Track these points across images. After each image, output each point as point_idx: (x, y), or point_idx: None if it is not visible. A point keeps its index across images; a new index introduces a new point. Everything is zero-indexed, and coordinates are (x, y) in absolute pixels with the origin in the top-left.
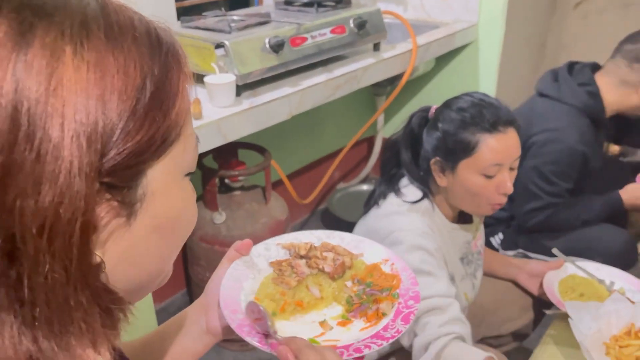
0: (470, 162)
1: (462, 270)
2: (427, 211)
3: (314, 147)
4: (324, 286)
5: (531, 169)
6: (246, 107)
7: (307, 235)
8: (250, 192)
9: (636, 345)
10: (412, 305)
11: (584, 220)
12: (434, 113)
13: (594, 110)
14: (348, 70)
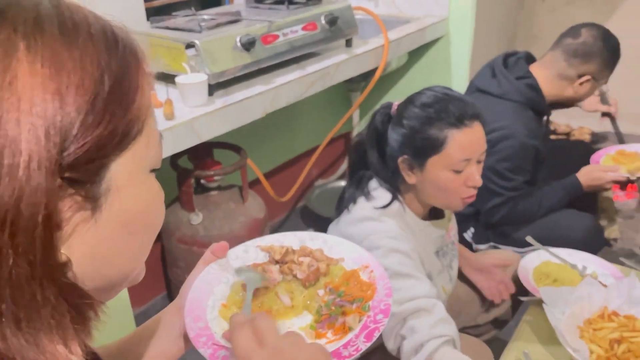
0: (439, 158)
1: (439, 264)
2: (398, 213)
3: (290, 144)
4: (295, 294)
5: (488, 169)
6: (219, 106)
7: (290, 237)
8: (227, 191)
9: (609, 327)
10: (379, 320)
11: (547, 207)
12: (396, 109)
13: (536, 102)
14: (321, 66)
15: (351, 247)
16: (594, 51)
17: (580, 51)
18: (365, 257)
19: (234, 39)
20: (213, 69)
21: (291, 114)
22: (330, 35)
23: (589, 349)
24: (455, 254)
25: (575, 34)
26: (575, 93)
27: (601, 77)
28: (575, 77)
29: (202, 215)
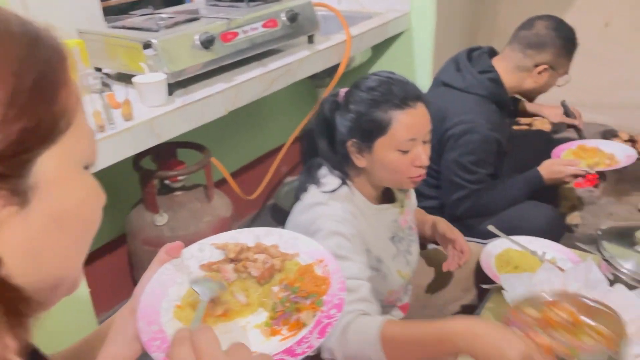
0: (386, 140)
1: (394, 249)
2: (347, 197)
3: (257, 142)
4: (250, 291)
5: (451, 162)
6: (179, 105)
7: (245, 234)
8: (192, 191)
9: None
10: (333, 315)
11: (509, 199)
12: (343, 96)
13: (498, 96)
14: (283, 63)
15: (306, 241)
16: (546, 41)
17: (533, 41)
18: (320, 251)
19: (193, 37)
20: (172, 68)
21: (257, 111)
22: (292, 32)
23: None
24: (414, 239)
25: (529, 25)
26: (535, 83)
27: (558, 65)
28: (532, 67)
29: (167, 215)
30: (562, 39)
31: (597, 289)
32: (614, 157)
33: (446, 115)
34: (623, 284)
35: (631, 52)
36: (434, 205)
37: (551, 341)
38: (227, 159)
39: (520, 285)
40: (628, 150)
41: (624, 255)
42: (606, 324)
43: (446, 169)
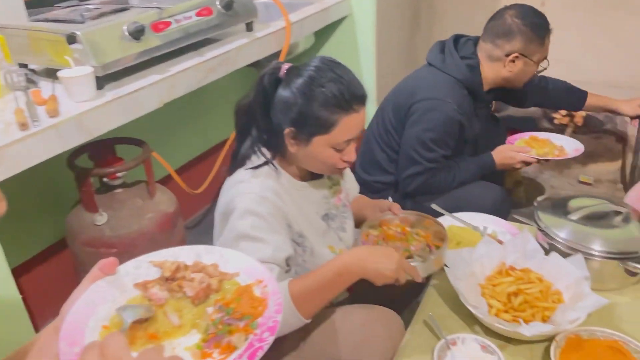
0: (325, 138)
1: (324, 225)
2: (269, 174)
3: (203, 136)
4: (184, 312)
5: (412, 136)
6: (110, 99)
7: (186, 252)
8: (133, 188)
9: (507, 282)
10: (265, 339)
11: (460, 181)
12: (285, 74)
13: (471, 82)
14: (220, 52)
15: (247, 261)
16: (513, 29)
17: (501, 31)
18: (260, 271)
19: (121, 28)
20: (99, 61)
21: (200, 105)
22: (228, 20)
23: (488, 304)
24: (348, 216)
25: (498, 16)
26: (510, 72)
27: (530, 52)
28: (503, 56)
29: (107, 214)
30: (529, 26)
31: (534, 258)
32: (563, 149)
33: (416, 90)
34: (558, 252)
35: (566, 30)
36: (387, 181)
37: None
38: (173, 155)
39: (462, 261)
40: (577, 144)
41: (558, 225)
42: (426, 228)
43: (406, 143)
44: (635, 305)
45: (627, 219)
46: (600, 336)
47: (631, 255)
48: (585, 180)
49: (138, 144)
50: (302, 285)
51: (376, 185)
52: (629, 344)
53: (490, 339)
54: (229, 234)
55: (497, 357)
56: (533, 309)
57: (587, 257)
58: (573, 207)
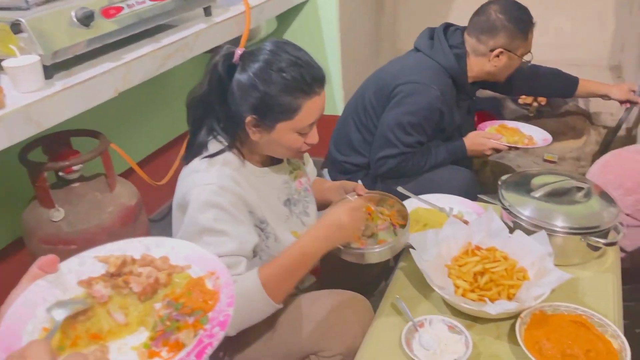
0: (289, 123)
1: (286, 211)
2: (227, 161)
3: (166, 126)
4: (130, 309)
5: (392, 117)
6: (59, 89)
7: (134, 245)
8: (92, 181)
9: (472, 261)
10: (215, 334)
11: (431, 166)
12: (239, 59)
13: (457, 71)
14: (177, 38)
15: (200, 252)
16: (497, 25)
17: (485, 27)
18: (213, 262)
19: (69, 13)
20: (47, 49)
21: (163, 94)
22: (184, 4)
23: (455, 284)
24: (310, 201)
25: (482, 11)
26: (494, 67)
27: (514, 47)
28: (487, 52)
29: (65, 210)
30: (512, 22)
31: (499, 237)
32: (532, 138)
33: (402, 72)
34: (522, 230)
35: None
36: (359, 162)
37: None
38: (135, 147)
39: (428, 243)
40: (544, 134)
41: (522, 203)
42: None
43: (385, 123)
44: (597, 279)
45: (589, 195)
46: (564, 311)
47: (593, 230)
48: (549, 159)
49: (95, 135)
50: (270, 271)
51: (347, 166)
52: (593, 317)
53: (457, 319)
54: (191, 228)
55: (464, 336)
56: (499, 287)
57: (550, 234)
58: (536, 184)
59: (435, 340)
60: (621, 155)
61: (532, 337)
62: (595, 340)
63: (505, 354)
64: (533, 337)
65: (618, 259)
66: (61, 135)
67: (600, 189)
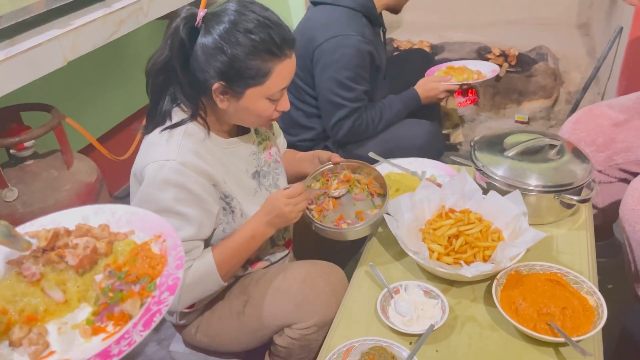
0: (259, 89)
1: (254, 184)
2: (191, 133)
3: (127, 99)
4: (68, 285)
5: (328, 79)
6: (1, 58)
7: (69, 216)
8: (47, 158)
9: (447, 225)
10: (164, 300)
11: (388, 119)
12: (202, 21)
13: (366, 7)
14: (130, 1)
15: (144, 215)
16: None
17: None
18: (159, 223)
19: None
20: None
21: (122, 66)
22: None
23: (429, 249)
24: (280, 173)
25: None
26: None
27: None
28: None
29: (18, 189)
30: None
31: (473, 198)
32: (480, 72)
33: (314, 32)
34: (496, 190)
35: None
36: (312, 137)
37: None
38: (95, 122)
39: (402, 208)
40: (491, 66)
41: (495, 163)
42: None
43: (324, 89)
44: (571, 236)
45: (562, 152)
46: (540, 270)
47: (566, 187)
48: (521, 120)
49: (47, 109)
50: (222, 249)
51: (302, 145)
52: (568, 275)
53: (433, 283)
54: (148, 205)
55: (440, 301)
56: (474, 250)
57: (524, 193)
58: (509, 144)
59: (412, 306)
60: (592, 111)
61: (508, 297)
62: (571, 298)
63: (482, 316)
64: (509, 298)
65: (591, 215)
66: (10, 110)
67: (573, 146)
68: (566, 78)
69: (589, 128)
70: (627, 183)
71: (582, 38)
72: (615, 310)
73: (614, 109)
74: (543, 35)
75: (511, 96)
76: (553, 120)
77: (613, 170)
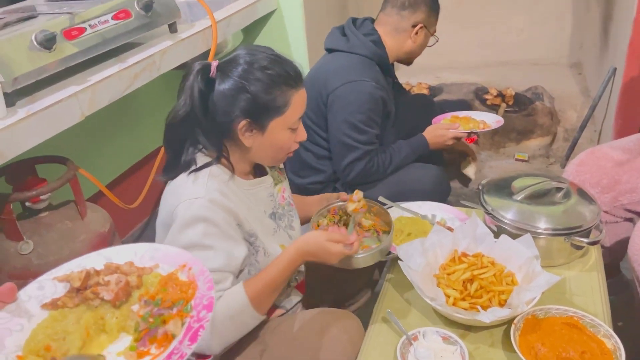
0: (281, 120)
1: (273, 225)
2: (215, 175)
3: (137, 145)
4: (106, 318)
5: (342, 122)
6: (23, 116)
7: (94, 258)
8: (61, 210)
9: (460, 269)
10: (204, 317)
11: (397, 163)
12: (216, 70)
13: (380, 57)
14: (143, 56)
15: (166, 250)
16: (418, 1)
17: (407, 3)
18: (182, 255)
19: (29, 37)
20: (7, 76)
21: (128, 113)
22: (149, 22)
23: (445, 294)
24: (294, 215)
25: None
26: (414, 43)
27: (430, 24)
28: (409, 27)
29: (34, 241)
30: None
31: (484, 242)
32: (486, 122)
33: (329, 77)
34: (507, 233)
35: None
36: (322, 179)
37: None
38: (103, 169)
39: (415, 252)
40: (496, 117)
41: (504, 207)
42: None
43: (336, 130)
44: (582, 278)
45: (568, 194)
46: (556, 313)
47: (576, 230)
48: (521, 158)
49: (62, 161)
50: (256, 283)
51: (312, 187)
52: (584, 318)
53: (450, 329)
54: (178, 243)
55: (459, 346)
56: (489, 294)
57: (535, 236)
58: (516, 187)
59: (431, 352)
60: (594, 154)
61: (526, 342)
62: (589, 341)
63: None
64: (528, 343)
65: (600, 256)
66: (26, 163)
67: (578, 188)
68: (562, 116)
69: (593, 170)
70: (633, 222)
71: (575, 77)
72: (628, 349)
73: (616, 150)
74: (537, 75)
75: (510, 135)
76: (552, 157)
77: (619, 210)
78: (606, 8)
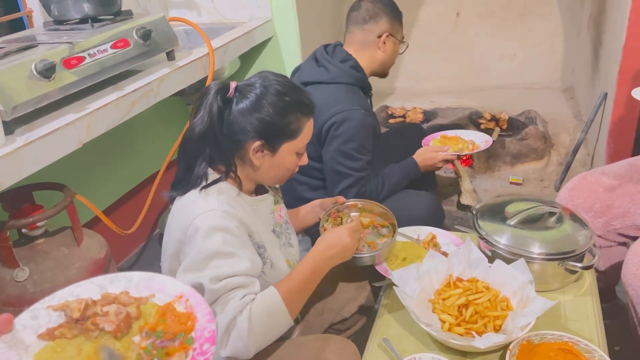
0: (292, 144)
1: (277, 239)
2: (224, 191)
3: (133, 171)
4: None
5: (334, 152)
6: (21, 144)
7: (86, 287)
8: (57, 236)
9: (455, 294)
10: (207, 350)
11: (388, 188)
12: (234, 91)
13: (362, 81)
14: (141, 84)
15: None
16: (377, 12)
17: (366, 16)
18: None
19: (28, 67)
20: (6, 105)
21: (126, 139)
22: (147, 50)
23: (440, 319)
24: (291, 232)
25: (357, 7)
26: (384, 53)
27: (395, 31)
28: (375, 39)
29: (30, 268)
30: (389, 7)
31: (479, 267)
32: (474, 142)
33: (318, 110)
34: (501, 258)
35: (480, 38)
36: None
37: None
38: (99, 194)
39: (410, 278)
40: (484, 136)
41: (498, 231)
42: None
43: (330, 160)
44: (577, 302)
45: (561, 219)
46: (550, 339)
47: (569, 254)
48: (515, 181)
49: (59, 188)
50: (287, 285)
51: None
52: (579, 343)
53: (446, 355)
54: (198, 256)
55: None
56: (484, 319)
57: (529, 261)
58: (510, 212)
59: None
60: (587, 179)
61: None
62: None
63: None
64: None
65: (594, 281)
66: (22, 190)
67: (571, 212)
68: (556, 140)
69: (585, 195)
70: (626, 246)
71: (568, 101)
72: None
73: (607, 176)
74: (530, 99)
75: (504, 159)
76: (546, 181)
77: (612, 234)
78: (596, 33)
